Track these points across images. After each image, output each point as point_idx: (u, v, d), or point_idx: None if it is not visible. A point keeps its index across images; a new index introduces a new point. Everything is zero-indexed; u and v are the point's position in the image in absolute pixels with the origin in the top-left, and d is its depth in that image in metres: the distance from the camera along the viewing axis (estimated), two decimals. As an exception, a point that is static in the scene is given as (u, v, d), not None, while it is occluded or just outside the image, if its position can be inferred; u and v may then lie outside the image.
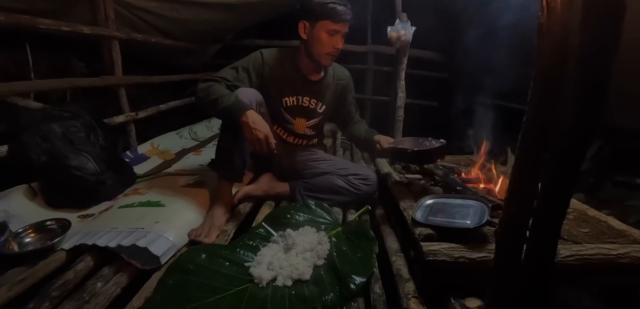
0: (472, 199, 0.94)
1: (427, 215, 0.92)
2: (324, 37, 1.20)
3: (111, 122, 1.85)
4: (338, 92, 1.45)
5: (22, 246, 1.02)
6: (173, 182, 1.51)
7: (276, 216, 1.16)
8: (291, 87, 1.34)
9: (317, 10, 1.19)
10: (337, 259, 0.91)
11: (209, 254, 0.94)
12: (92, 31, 1.82)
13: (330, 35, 1.20)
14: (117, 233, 1.03)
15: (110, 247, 0.97)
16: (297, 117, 1.41)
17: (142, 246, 0.96)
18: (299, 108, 1.39)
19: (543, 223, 0.54)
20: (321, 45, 1.22)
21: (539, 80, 0.55)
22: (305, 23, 1.23)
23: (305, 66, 1.33)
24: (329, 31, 1.20)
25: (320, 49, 1.23)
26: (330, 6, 1.17)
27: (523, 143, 0.57)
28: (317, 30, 1.21)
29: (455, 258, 0.77)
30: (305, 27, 1.24)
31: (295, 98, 1.36)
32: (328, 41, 1.21)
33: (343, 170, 1.37)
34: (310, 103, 1.39)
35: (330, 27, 1.19)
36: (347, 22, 1.21)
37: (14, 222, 1.11)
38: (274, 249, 0.98)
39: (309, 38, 1.24)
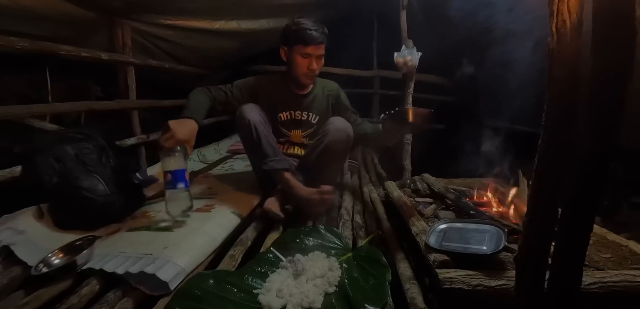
0: (487, 223, 0.92)
1: (441, 240, 0.89)
2: (299, 60, 1.38)
3: (123, 144, 1.88)
4: (330, 103, 1.60)
5: (50, 267, 1.01)
6: (181, 205, 1.50)
7: (285, 240, 1.14)
8: (284, 103, 1.53)
9: (291, 36, 1.37)
10: (349, 287, 0.88)
11: (217, 280, 0.92)
12: (110, 57, 1.88)
13: (304, 58, 1.37)
14: (125, 258, 1.02)
15: (118, 273, 0.95)
16: (292, 129, 1.56)
17: (150, 272, 0.94)
18: (294, 121, 1.56)
19: (566, 250, 0.52)
20: (297, 67, 1.40)
21: (552, 104, 0.54)
22: (285, 48, 1.42)
23: (292, 85, 1.53)
24: (302, 54, 1.37)
25: (297, 70, 1.41)
26: (301, 32, 1.34)
27: (540, 166, 0.56)
28: (293, 54, 1.39)
29: (473, 286, 0.74)
30: (285, 52, 1.43)
31: (289, 112, 1.54)
32: (303, 63, 1.38)
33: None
34: (303, 115, 1.55)
35: (302, 50, 1.36)
36: (318, 45, 1.36)
37: (19, 241, 1.11)
38: (283, 275, 0.96)
39: (288, 61, 1.43)
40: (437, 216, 1.17)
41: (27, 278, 0.97)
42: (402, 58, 1.68)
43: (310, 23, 1.36)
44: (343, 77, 2.84)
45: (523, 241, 0.60)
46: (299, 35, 1.35)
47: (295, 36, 1.36)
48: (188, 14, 2.11)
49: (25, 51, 1.40)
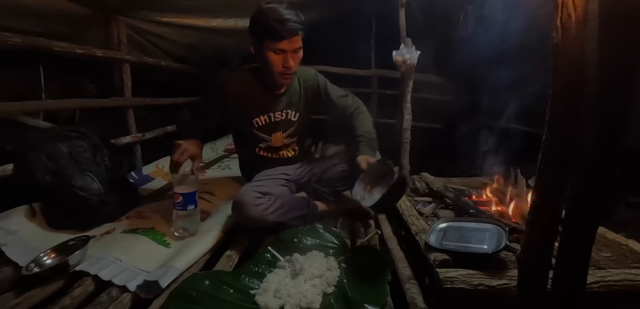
0: (487, 222, 0.91)
1: (441, 240, 0.88)
2: (272, 57, 1.11)
3: (118, 142, 1.85)
4: (310, 96, 1.37)
5: (42, 267, 0.98)
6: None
7: (283, 239, 1.12)
8: (258, 105, 1.28)
9: (257, 30, 1.11)
10: (348, 287, 0.87)
11: (212, 280, 0.90)
12: (105, 54, 1.86)
13: (277, 54, 1.11)
14: (121, 269, 0.98)
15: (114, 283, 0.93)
16: (272, 132, 1.36)
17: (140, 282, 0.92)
18: (272, 124, 1.33)
19: (571, 248, 0.51)
20: (270, 65, 1.13)
21: (556, 100, 0.53)
22: (254, 43, 1.16)
23: (267, 84, 1.27)
24: (274, 50, 1.10)
25: (271, 70, 1.15)
26: (270, 24, 1.06)
27: (543, 164, 0.55)
28: (264, 51, 1.12)
29: (474, 286, 0.73)
30: (254, 48, 1.17)
31: (266, 116, 1.31)
32: (276, 61, 1.11)
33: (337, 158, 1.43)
34: (282, 115, 1.34)
35: (273, 46, 1.09)
36: (292, 38, 1.08)
37: (11, 241, 1.09)
38: (280, 275, 0.94)
39: (259, 59, 1.17)
40: (436, 215, 1.16)
41: (18, 278, 0.95)
42: (400, 57, 1.67)
43: (282, 9, 1.06)
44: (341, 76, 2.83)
45: (526, 240, 0.59)
46: (267, 27, 1.06)
47: (263, 29, 1.08)
48: (185, 11, 2.09)
49: (18, 47, 1.37)
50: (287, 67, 1.12)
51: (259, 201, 1.17)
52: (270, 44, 1.09)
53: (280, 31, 1.06)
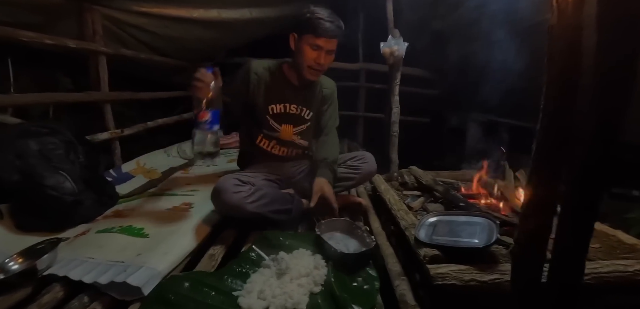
0: (477, 216, 0.89)
1: (431, 234, 0.85)
2: (307, 51, 1.22)
3: (94, 139, 1.76)
4: (321, 101, 1.45)
5: (7, 273, 0.90)
6: (157, 205, 1.42)
7: (268, 238, 1.08)
8: (278, 94, 1.35)
9: (303, 23, 1.22)
10: (336, 286, 0.83)
11: (193, 282, 0.85)
12: (78, 45, 1.75)
13: (313, 49, 1.21)
14: (94, 265, 0.94)
15: (85, 282, 0.87)
16: (283, 123, 1.38)
17: (120, 281, 0.86)
18: (286, 116, 1.38)
19: (568, 241, 0.49)
20: (303, 58, 1.23)
21: (552, 86, 0.50)
22: (294, 35, 1.26)
23: (292, 76, 1.35)
24: (311, 45, 1.21)
25: (302, 61, 1.25)
26: (315, 21, 1.19)
27: (539, 153, 0.52)
28: (302, 43, 1.23)
29: (465, 282, 0.70)
30: (294, 39, 1.27)
31: (282, 105, 1.36)
32: (310, 55, 1.22)
33: (338, 159, 1.40)
34: (297, 109, 1.38)
35: (312, 41, 1.20)
36: (330, 39, 1.21)
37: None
38: (265, 275, 0.90)
39: (296, 50, 1.27)
40: (425, 209, 1.14)
41: (-20, 286, 0.87)
42: (388, 48, 1.64)
43: (327, 13, 1.21)
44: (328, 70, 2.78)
45: (520, 233, 0.56)
46: (311, 23, 1.19)
47: (307, 24, 1.20)
48: (164, 1, 2.00)
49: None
50: (318, 63, 1.23)
51: (238, 188, 1.13)
52: (309, 38, 1.20)
53: (322, 30, 1.18)
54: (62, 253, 1.01)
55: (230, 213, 1.17)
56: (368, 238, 1.02)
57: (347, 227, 1.12)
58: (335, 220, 1.15)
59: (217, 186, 1.15)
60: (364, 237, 1.05)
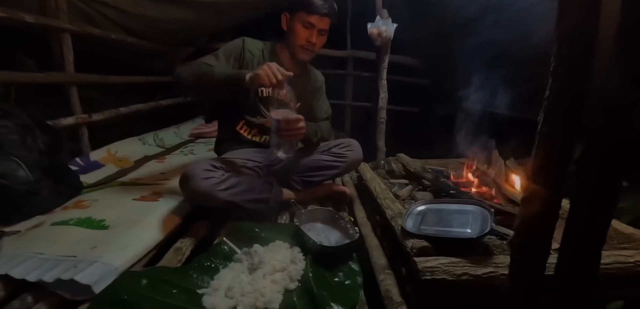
0: (469, 204, 0.81)
1: (419, 224, 0.77)
2: (299, 29, 1.20)
3: (57, 124, 1.61)
4: (313, 93, 1.42)
5: None
6: (125, 194, 1.30)
7: (242, 229, 0.98)
8: None
9: (296, 1, 1.21)
10: (314, 282, 0.74)
11: (152, 279, 0.75)
12: (37, 20, 1.59)
13: (305, 28, 1.19)
14: (41, 261, 0.83)
15: (28, 281, 0.76)
16: (271, 109, 1.29)
17: (67, 278, 0.76)
18: (275, 101, 1.29)
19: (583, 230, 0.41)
20: (296, 36, 1.21)
21: (564, 42, 0.42)
22: (286, 14, 1.24)
23: (285, 60, 1.30)
24: (304, 23, 1.19)
25: (294, 40, 1.22)
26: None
27: (546, 125, 0.44)
28: (294, 22, 1.21)
29: (457, 276, 0.62)
30: (286, 18, 1.24)
31: (272, 89, 1.27)
32: (302, 33, 1.20)
33: (323, 147, 1.36)
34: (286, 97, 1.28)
35: (305, 18, 1.18)
36: (323, 16, 1.19)
37: None
38: (236, 270, 0.81)
39: (288, 29, 1.25)
40: (413, 197, 1.06)
41: None
42: (376, 29, 1.55)
43: None
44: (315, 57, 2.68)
45: (521, 221, 0.48)
46: (303, 1, 1.18)
47: (299, 1, 1.19)
48: (136, -23, 1.85)
49: None
50: (311, 43, 1.20)
51: (208, 174, 1.04)
52: (302, 16, 1.18)
53: (314, 7, 1.17)
54: (7, 248, 0.90)
55: (200, 202, 1.07)
56: (351, 229, 0.94)
57: (329, 217, 1.03)
58: (316, 210, 1.06)
59: (185, 172, 1.04)
60: (347, 228, 0.96)
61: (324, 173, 1.30)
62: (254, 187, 1.13)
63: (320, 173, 1.29)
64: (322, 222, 1.03)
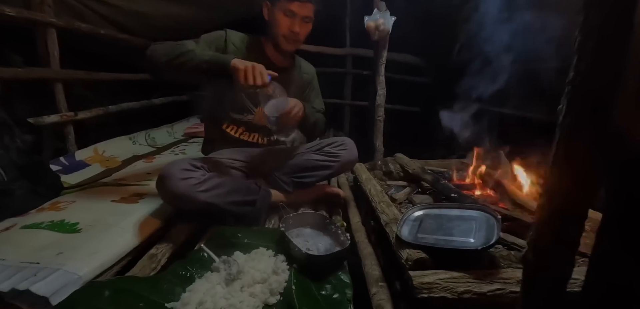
0: (473, 209, 0.72)
1: (416, 232, 0.69)
2: (281, 18, 1.13)
3: (39, 121, 1.54)
4: (302, 86, 1.33)
5: None
6: (104, 196, 1.22)
7: (224, 234, 0.90)
8: None
9: None
10: (297, 296, 0.66)
11: (115, 291, 0.67)
12: (19, 14, 1.52)
13: (287, 16, 1.13)
14: (1, 268, 0.75)
15: None
16: (259, 105, 1.23)
17: (22, 289, 0.68)
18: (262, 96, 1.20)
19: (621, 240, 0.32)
20: (278, 26, 1.14)
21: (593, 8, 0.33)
22: (267, 3, 1.18)
23: (271, 53, 1.24)
24: (285, 11, 1.12)
25: (277, 30, 1.15)
26: None
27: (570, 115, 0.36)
28: (275, 11, 1.14)
29: (458, 294, 0.54)
30: (267, 7, 1.18)
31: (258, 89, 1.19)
32: (284, 22, 1.13)
33: (315, 145, 1.28)
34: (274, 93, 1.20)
35: (285, 6, 1.12)
36: (304, 2, 1.12)
37: None
38: (212, 281, 0.72)
39: (269, 19, 1.18)
40: (411, 201, 0.97)
41: None
42: (373, 22, 1.47)
43: None
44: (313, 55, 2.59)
45: (538, 231, 0.40)
46: None
47: None
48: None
49: None
50: (294, 32, 1.14)
51: (187, 174, 0.95)
52: (282, 4, 1.11)
53: None
54: (-34, 253, 0.82)
55: (179, 204, 0.99)
56: (342, 235, 0.86)
57: (320, 222, 0.95)
58: (305, 214, 0.97)
59: (162, 172, 0.96)
60: (338, 234, 0.88)
61: (316, 173, 1.22)
62: (238, 189, 1.05)
63: (312, 173, 1.21)
64: (311, 227, 0.95)
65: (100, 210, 1.08)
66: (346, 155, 1.22)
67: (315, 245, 0.86)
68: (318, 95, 1.37)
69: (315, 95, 1.36)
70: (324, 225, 0.93)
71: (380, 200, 0.93)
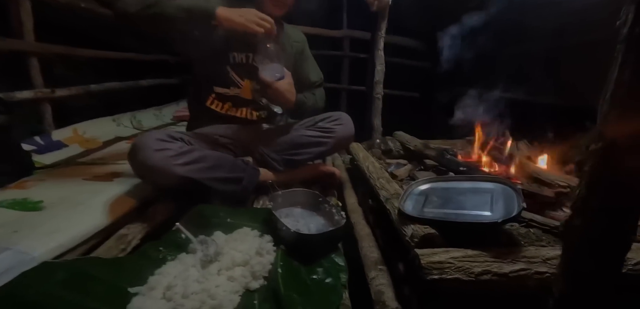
0: (487, 180, 0.63)
1: (421, 207, 0.59)
2: None
3: (9, 97, 1.42)
4: (294, 56, 1.22)
5: None
6: (76, 174, 1.12)
7: (204, 213, 0.80)
8: (242, 41, 1.09)
9: None
10: (283, 281, 0.56)
11: (71, 273, 0.57)
12: (-15, -20, 1.39)
13: None
14: None
15: None
16: (246, 77, 1.13)
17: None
18: (250, 68, 1.12)
19: None
20: None
21: None
22: None
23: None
24: None
25: None
26: None
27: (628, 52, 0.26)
28: None
29: (476, 275, 0.45)
30: None
31: (245, 55, 1.12)
32: None
33: (309, 121, 1.17)
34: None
35: None
36: None
37: None
38: (186, 263, 0.63)
39: None
40: (413, 178, 0.88)
41: None
42: (372, -9, 1.36)
43: None
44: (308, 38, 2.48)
45: (589, 187, 0.30)
46: None
47: None
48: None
49: None
50: None
51: (163, 144, 0.85)
52: None
53: None
54: None
55: (154, 180, 0.89)
56: (337, 214, 0.76)
57: (312, 201, 0.85)
58: (295, 192, 0.88)
59: (135, 142, 0.86)
60: (332, 214, 0.78)
61: (309, 151, 1.11)
62: (223, 164, 0.94)
63: (304, 151, 1.11)
64: (302, 206, 0.85)
65: (69, 188, 0.97)
66: (342, 130, 1.11)
67: (306, 225, 0.77)
68: (313, 65, 1.27)
69: (310, 65, 1.25)
70: (317, 204, 0.84)
71: (379, 176, 0.84)
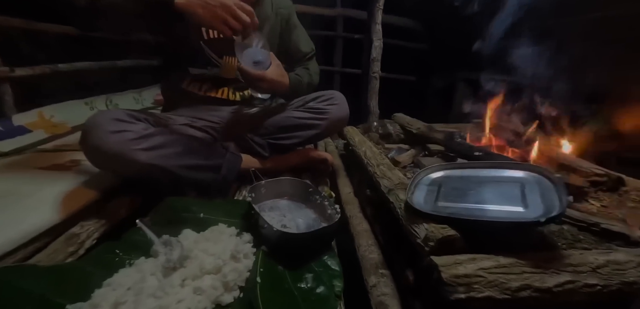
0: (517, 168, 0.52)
1: (434, 200, 0.48)
2: None
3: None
4: (280, 25, 1.10)
5: None
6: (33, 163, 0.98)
7: (173, 207, 0.68)
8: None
9: None
10: (262, 292, 0.45)
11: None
12: None
13: None
14: None
15: None
16: (225, 55, 0.99)
17: None
18: (228, 42, 0.94)
19: None
20: None
21: None
22: None
23: None
24: None
25: None
26: None
27: None
28: None
29: (512, 292, 0.34)
30: None
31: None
32: None
33: (298, 101, 1.05)
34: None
35: None
36: None
37: None
38: (144, 270, 0.51)
39: None
40: (417, 164, 0.77)
41: None
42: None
43: None
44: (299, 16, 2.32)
45: None
46: None
47: None
48: None
49: None
50: None
51: (122, 125, 0.71)
52: None
53: None
54: None
55: (111, 167, 0.75)
56: (330, 208, 0.65)
57: (300, 191, 0.73)
58: (281, 181, 0.76)
59: (87, 122, 0.73)
60: (323, 206, 0.67)
61: (298, 134, 0.99)
62: (196, 150, 0.81)
63: (293, 134, 0.98)
64: (289, 198, 0.73)
65: (18, 179, 0.84)
66: (336, 111, 0.99)
67: (293, 220, 0.65)
68: (303, 33, 1.13)
69: (300, 34, 1.12)
70: (306, 195, 0.72)
71: (379, 163, 0.72)
